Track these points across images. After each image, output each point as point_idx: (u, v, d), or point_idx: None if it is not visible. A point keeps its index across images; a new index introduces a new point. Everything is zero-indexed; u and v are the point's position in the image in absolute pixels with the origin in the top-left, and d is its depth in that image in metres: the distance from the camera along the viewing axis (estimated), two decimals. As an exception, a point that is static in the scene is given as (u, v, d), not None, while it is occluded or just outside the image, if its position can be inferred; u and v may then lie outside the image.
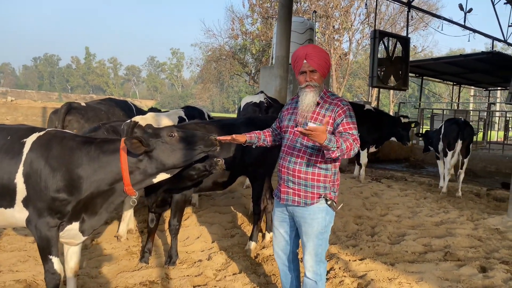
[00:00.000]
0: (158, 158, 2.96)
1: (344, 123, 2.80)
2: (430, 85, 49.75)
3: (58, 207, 2.87)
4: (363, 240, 5.13)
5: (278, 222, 3.17)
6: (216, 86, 46.52)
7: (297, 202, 2.93)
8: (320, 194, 2.88)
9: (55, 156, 2.88)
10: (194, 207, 6.09)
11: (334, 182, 2.95)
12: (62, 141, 2.95)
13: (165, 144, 2.96)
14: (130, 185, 2.94)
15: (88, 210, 2.99)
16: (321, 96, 2.92)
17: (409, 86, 14.53)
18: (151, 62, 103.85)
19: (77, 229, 3.01)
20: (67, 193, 2.86)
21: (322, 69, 2.91)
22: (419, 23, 27.52)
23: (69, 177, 2.86)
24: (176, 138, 2.99)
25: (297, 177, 2.91)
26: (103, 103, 6.23)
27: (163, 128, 3.06)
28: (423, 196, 7.64)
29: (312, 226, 2.92)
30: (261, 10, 26.93)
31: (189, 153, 3.02)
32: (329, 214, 2.94)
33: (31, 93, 77.62)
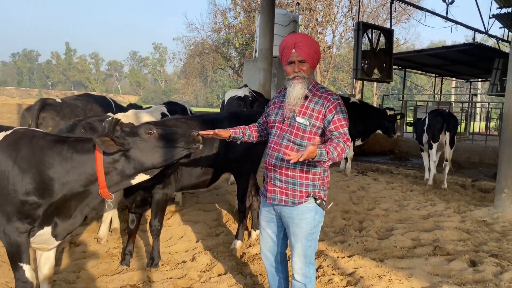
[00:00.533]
0: (136, 157, 2.78)
1: (336, 120, 2.63)
2: (412, 77, 50.25)
3: (28, 211, 2.67)
4: (351, 235, 5.03)
5: (265, 222, 3.01)
6: (199, 80, 46.08)
7: (285, 201, 2.77)
8: (308, 192, 2.73)
9: (24, 157, 2.67)
10: (177, 205, 5.90)
11: (324, 180, 2.80)
12: (31, 141, 2.75)
13: (143, 143, 2.78)
14: (105, 187, 2.75)
15: (61, 214, 2.79)
16: (309, 89, 2.74)
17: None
18: (133, 57, 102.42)
19: (50, 234, 2.82)
20: (38, 196, 2.67)
21: (311, 60, 2.72)
22: (401, 15, 27.60)
23: (40, 179, 2.67)
24: (155, 135, 2.81)
25: (284, 175, 2.75)
26: (80, 99, 5.97)
27: (141, 125, 2.87)
28: (409, 189, 7.60)
29: (300, 226, 2.77)
30: (244, 3, 26.66)
31: (170, 152, 2.84)
32: (319, 213, 2.80)
33: (10, 90, 75.75)
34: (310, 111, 2.68)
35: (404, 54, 16.88)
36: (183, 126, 4.27)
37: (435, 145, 7.70)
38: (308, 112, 2.69)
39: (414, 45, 44.01)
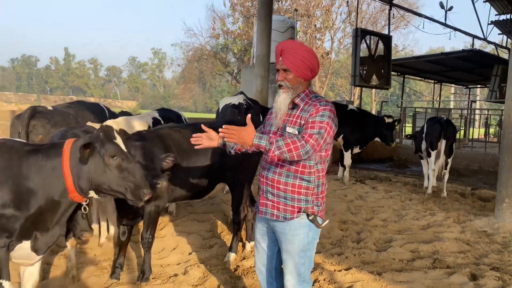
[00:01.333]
0: (87, 169, 2.62)
1: (310, 121, 2.48)
2: (411, 83, 50.30)
3: (5, 225, 2.56)
4: (348, 247, 4.90)
5: (259, 236, 2.88)
6: (198, 86, 46.09)
7: (276, 216, 2.64)
8: (300, 207, 2.59)
9: (1, 168, 2.57)
10: (171, 215, 5.77)
11: (318, 195, 2.66)
12: (9, 151, 2.65)
13: (101, 160, 2.61)
14: (75, 191, 2.63)
15: (39, 227, 2.68)
16: (301, 97, 2.62)
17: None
18: (132, 63, 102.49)
19: (29, 249, 2.70)
20: (15, 208, 2.56)
21: (297, 69, 2.54)
22: (400, 21, 27.61)
23: (16, 190, 2.57)
24: (115, 163, 2.63)
25: (276, 188, 2.62)
26: (72, 107, 5.85)
27: (114, 144, 2.66)
28: (408, 198, 7.47)
29: (293, 243, 2.64)
30: (243, 9, 26.68)
31: (121, 185, 2.65)
32: (313, 230, 2.66)
33: (8, 95, 75.83)
34: (299, 120, 2.57)
35: (403, 60, 16.83)
36: (177, 135, 4.16)
37: (433, 153, 7.59)
38: (297, 121, 2.58)
39: (413, 51, 44.17)
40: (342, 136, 8.43)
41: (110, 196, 2.77)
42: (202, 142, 2.65)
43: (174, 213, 5.82)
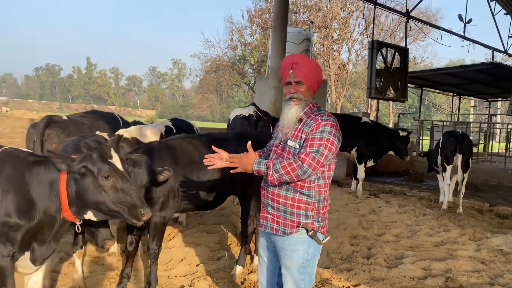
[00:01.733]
0: (82, 190, 2.59)
1: (310, 138, 2.48)
2: (430, 96, 49.64)
3: (8, 234, 2.58)
4: (358, 263, 4.81)
5: (262, 250, 2.87)
6: (216, 96, 46.40)
7: (276, 229, 2.63)
8: (300, 222, 2.56)
9: (6, 177, 2.61)
10: (181, 225, 5.78)
11: (319, 211, 2.61)
12: (15, 161, 2.68)
13: (94, 181, 2.57)
14: (68, 210, 2.62)
15: (38, 239, 2.69)
16: (305, 111, 2.61)
17: (409, 97, 14.29)
18: (153, 72, 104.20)
19: (28, 259, 2.73)
20: (17, 217, 2.58)
21: (310, 82, 2.60)
22: (418, 34, 27.38)
23: (18, 201, 2.59)
24: (109, 184, 2.58)
25: (276, 201, 2.61)
26: (86, 116, 5.95)
27: (108, 164, 2.61)
28: (422, 213, 7.32)
29: (291, 258, 2.60)
30: (260, 21, 26.86)
31: (109, 208, 2.61)
32: (313, 246, 2.61)
33: (32, 103, 77.75)
34: (300, 134, 2.56)
35: (421, 72, 16.61)
36: (189, 146, 4.16)
37: (448, 168, 7.44)
38: (299, 135, 2.57)
39: (432, 63, 43.68)
40: (355, 149, 8.35)
41: (109, 217, 2.72)
42: (215, 162, 2.70)
43: (184, 223, 5.83)
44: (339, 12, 27.84)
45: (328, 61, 28.57)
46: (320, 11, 27.59)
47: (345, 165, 11.17)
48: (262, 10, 26.57)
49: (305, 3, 27.28)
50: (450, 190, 7.74)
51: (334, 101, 30.72)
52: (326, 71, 29.30)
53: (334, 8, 27.45)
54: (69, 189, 2.60)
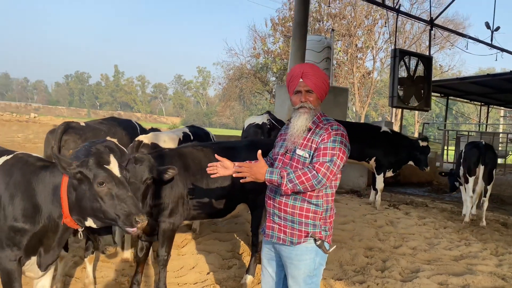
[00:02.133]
0: (78, 196, 2.58)
1: (322, 147, 2.48)
2: (459, 105, 48.50)
3: (14, 239, 2.63)
4: (371, 276, 4.70)
5: (266, 260, 2.83)
6: (239, 103, 46.64)
7: (283, 239, 2.60)
8: (308, 232, 2.54)
9: (14, 182, 2.66)
10: (194, 233, 5.79)
11: (326, 220, 2.60)
12: (23, 166, 2.73)
13: (90, 187, 2.54)
14: (69, 217, 2.62)
15: (44, 244, 2.73)
16: (313, 121, 2.62)
17: (436, 106, 13.97)
18: (178, 80, 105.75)
19: (35, 263, 2.77)
20: (23, 223, 2.62)
21: (319, 90, 2.62)
22: (445, 42, 26.85)
23: (24, 206, 2.63)
24: (104, 190, 2.53)
25: (283, 211, 2.59)
26: (104, 123, 6.04)
27: (104, 170, 2.56)
28: (443, 226, 7.10)
29: (298, 268, 2.57)
30: (283, 29, 26.90)
31: (104, 215, 2.57)
32: (319, 255, 2.59)
33: (61, 110, 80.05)
34: (310, 143, 2.56)
35: (446, 81, 16.21)
36: (199, 154, 4.18)
37: (471, 179, 7.21)
38: (308, 144, 2.56)
39: (460, 72, 42.71)
40: (374, 159, 8.20)
41: (107, 223, 2.67)
42: (218, 171, 2.68)
43: (197, 230, 5.84)
44: (364, 20, 27.63)
45: (351, 69, 28.34)
46: (344, 19, 27.46)
47: (365, 175, 11.00)
48: (285, 19, 26.61)
49: (329, 11, 27.19)
50: (472, 202, 7.48)
51: (358, 110, 30.38)
52: (350, 79, 29.05)
53: (359, 16, 27.26)
54: (69, 195, 2.59)
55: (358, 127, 8.95)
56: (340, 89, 12.73)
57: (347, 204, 8.20)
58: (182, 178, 3.83)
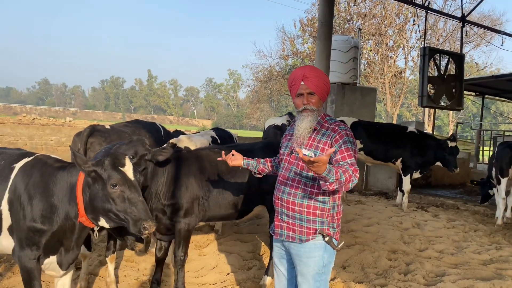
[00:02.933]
0: (92, 195, 2.65)
1: (343, 150, 2.52)
2: (497, 104, 46.62)
3: (33, 238, 2.74)
4: (394, 279, 4.59)
5: (277, 259, 2.89)
6: (269, 105, 46.64)
7: (292, 237, 2.66)
8: (316, 229, 2.58)
9: (33, 183, 2.77)
10: (216, 233, 5.84)
11: (334, 217, 2.64)
12: (42, 167, 2.84)
13: (103, 188, 2.60)
14: (84, 216, 2.70)
15: (64, 244, 2.83)
16: (318, 121, 2.66)
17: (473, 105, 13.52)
18: (209, 83, 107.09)
19: (55, 262, 2.87)
20: (41, 223, 2.72)
21: (320, 92, 2.66)
22: (480, 39, 25.91)
23: (42, 206, 2.73)
24: (116, 192, 2.59)
25: (291, 209, 2.64)
26: (129, 126, 6.19)
27: (118, 172, 2.62)
28: (473, 229, 6.85)
29: (308, 265, 2.61)
30: (312, 30, 26.71)
31: (117, 216, 2.64)
32: (328, 252, 2.62)
33: (97, 113, 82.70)
34: (316, 143, 2.61)
35: (481, 79, 15.65)
36: (216, 156, 4.22)
37: (503, 180, 6.93)
38: (314, 144, 2.61)
39: (498, 69, 41.11)
40: (400, 160, 8.01)
41: (116, 224, 2.73)
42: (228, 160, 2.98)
43: (220, 231, 5.89)
44: (395, 18, 27.05)
45: (382, 68, 27.80)
46: (375, 18, 26.98)
47: (394, 177, 10.76)
48: (314, 19, 26.37)
49: (359, 10, 26.80)
50: (505, 204, 7.18)
51: (390, 110, 29.75)
52: (381, 79, 28.51)
53: (389, 15, 26.73)
54: (84, 194, 2.68)
55: (383, 127, 8.74)
56: (367, 89, 12.51)
57: (373, 206, 8.04)
58: (197, 180, 3.88)
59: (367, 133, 8.07)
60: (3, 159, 2.98)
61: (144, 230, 2.54)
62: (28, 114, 17.75)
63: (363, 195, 9.84)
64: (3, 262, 4.60)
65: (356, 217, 6.94)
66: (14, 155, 3.03)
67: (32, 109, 69.59)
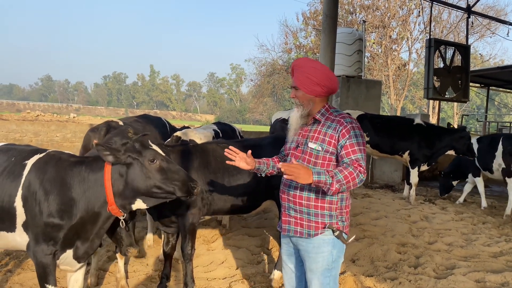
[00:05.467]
0: (130, 179, 2.74)
1: (348, 145, 2.45)
2: (501, 96, 46.36)
3: (50, 233, 2.74)
4: (404, 272, 4.57)
5: (285, 256, 2.83)
6: (272, 100, 46.58)
7: (300, 232, 2.59)
8: (325, 223, 2.53)
9: (49, 179, 2.76)
10: (224, 228, 5.83)
11: (342, 210, 2.57)
12: (57, 163, 2.84)
13: (142, 167, 2.73)
14: (114, 204, 2.75)
15: (81, 236, 2.83)
16: (322, 113, 2.60)
17: (477, 97, 13.43)
18: (211, 78, 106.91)
19: (72, 257, 2.87)
20: (59, 218, 2.72)
21: (304, 86, 2.57)
22: (485, 30, 25.70)
23: (61, 201, 2.73)
24: (156, 166, 2.74)
25: (298, 204, 2.59)
26: (139, 121, 6.29)
27: (151, 149, 2.80)
28: (481, 221, 6.82)
29: (316, 261, 2.56)
30: (315, 23, 26.56)
31: (162, 189, 2.77)
32: (337, 247, 2.57)
33: (100, 109, 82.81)
34: (322, 136, 2.54)
35: (486, 71, 15.54)
36: (223, 151, 4.19)
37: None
38: (320, 137, 2.55)
39: (503, 60, 40.82)
40: (408, 152, 7.96)
41: (161, 199, 2.85)
42: (236, 161, 2.71)
43: (227, 226, 5.88)
44: (398, 10, 26.85)
45: (386, 61, 27.65)
46: (378, 10, 26.79)
47: (400, 169, 10.72)
48: (317, 12, 26.24)
49: (362, 2, 26.61)
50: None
51: (394, 103, 29.61)
52: (384, 71, 28.36)
53: (393, 7, 26.53)
54: (114, 182, 2.74)
55: (390, 120, 8.70)
56: (372, 82, 12.44)
57: (380, 199, 8.01)
58: (201, 174, 3.86)
59: (373, 126, 8.02)
60: (14, 156, 2.96)
61: (193, 190, 2.75)
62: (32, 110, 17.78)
63: (369, 188, 9.81)
64: (12, 258, 4.62)
65: (364, 211, 6.92)
66: (25, 151, 3.01)
67: (36, 105, 69.74)
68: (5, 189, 2.79)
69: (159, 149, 2.85)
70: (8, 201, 2.78)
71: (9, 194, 2.78)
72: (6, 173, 2.85)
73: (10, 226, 2.82)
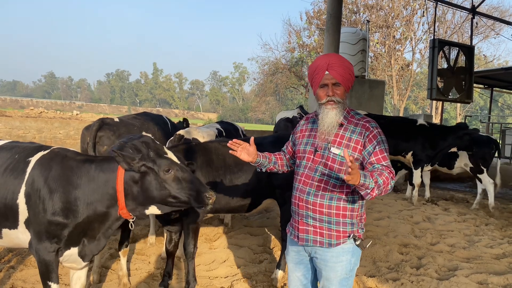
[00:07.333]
0: (145, 187, 2.73)
1: (377, 151, 2.35)
2: (505, 97, 46.20)
3: (54, 231, 2.73)
4: (406, 273, 4.56)
5: (293, 264, 2.69)
6: (275, 99, 46.53)
7: (319, 242, 2.46)
8: (347, 232, 2.43)
9: (54, 177, 2.75)
10: (226, 227, 5.83)
11: (361, 217, 2.51)
12: (62, 161, 2.82)
13: (156, 177, 2.71)
14: (124, 208, 2.75)
15: (87, 235, 2.83)
16: (344, 115, 2.46)
17: (481, 98, 13.38)
18: (214, 77, 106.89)
19: (77, 254, 2.87)
20: (63, 216, 2.71)
21: (346, 83, 2.44)
22: (489, 31, 25.60)
23: (66, 199, 2.72)
24: (171, 176, 2.72)
25: (318, 212, 2.44)
26: (137, 118, 6.15)
27: (166, 159, 2.76)
28: (484, 222, 6.80)
29: (335, 270, 2.45)
30: (319, 22, 26.52)
31: (176, 199, 2.75)
32: (355, 255, 2.49)
33: (103, 107, 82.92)
34: (347, 141, 2.41)
35: (490, 72, 15.47)
36: (224, 149, 4.19)
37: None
38: (344, 142, 2.41)
39: (507, 61, 40.71)
40: (411, 153, 7.94)
41: (175, 207, 2.85)
42: (238, 152, 2.63)
43: (229, 225, 5.88)
44: (402, 10, 26.78)
45: (389, 61, 27.59)
46: (382, 10, 26.73)
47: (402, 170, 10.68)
48: (320, 11, 26.22)
49: (366, 2, 26.55)
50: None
51: (397, 103, 29.55)
52: (387, 71, 28.30)
53: (397, 7, 26.47)
54: (127, 186, 2.73)
55: (393, 120, 8.66)
56: (376, 82, 12.41)
57: (382, 200, 7.99)
58: (203, 172, 3.88)
59: (376, 126, 7.98)
60: (17, 153, 2.96)
61: (208, 200, 2.71)
62: (35, 107, 17.80)
63: (372, 188, 9.77)
64: (15, 255, 4.63)
65: (366, 211, 6.89)
66: (28, 148, 3.00)
67: (39, 102, 69.90)
68: (8, 186, 2.79)
69: (173, 156, 2.83)
70: (12, 198, 2.77)
71: (13, 191, 2.78)
72: (9, 170, 2.84)
73: (12, 223, 2.82)
